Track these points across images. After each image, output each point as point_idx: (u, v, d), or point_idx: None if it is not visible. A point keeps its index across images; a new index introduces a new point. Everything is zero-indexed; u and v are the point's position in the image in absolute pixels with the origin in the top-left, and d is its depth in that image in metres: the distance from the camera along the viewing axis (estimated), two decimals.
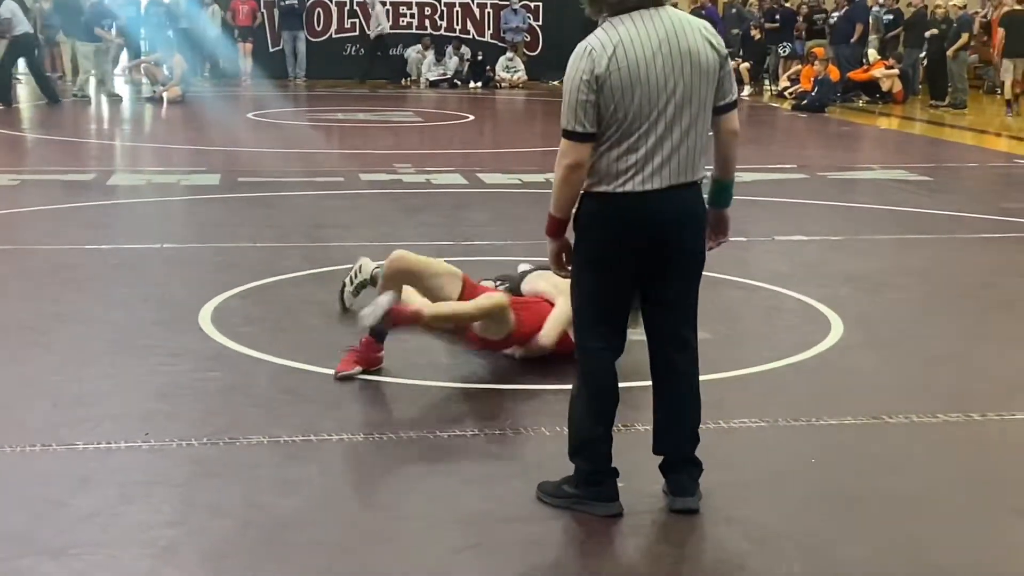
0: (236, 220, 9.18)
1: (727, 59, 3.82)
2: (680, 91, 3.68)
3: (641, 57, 3.66)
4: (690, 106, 3.71)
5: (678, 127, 3.70)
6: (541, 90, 22.97)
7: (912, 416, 4.91)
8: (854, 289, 7.16)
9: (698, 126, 3.75)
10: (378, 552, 3.73)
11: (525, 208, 9.48)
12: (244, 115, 17.73)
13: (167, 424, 4.69)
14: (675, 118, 3.69)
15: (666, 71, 3.67)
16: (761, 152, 14.29)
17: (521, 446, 4.57)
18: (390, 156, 12.92)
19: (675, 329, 3.93)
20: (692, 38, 3.71)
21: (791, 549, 3.75)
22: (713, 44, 3.75)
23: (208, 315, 6.23)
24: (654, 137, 3.70)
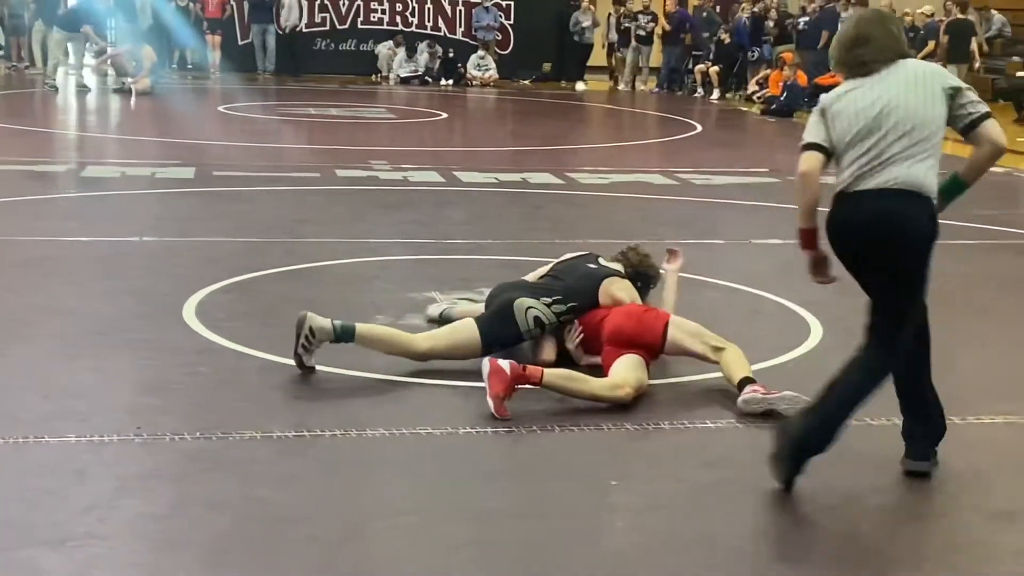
0: (213, 214, 9.16)
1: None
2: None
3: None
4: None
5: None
6: (512, 88, 23.03)
7: (894, 419, 4.97)
8: (831, 292, 7.21)
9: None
10: (377, 547, 3.76)
11: (503, 207, 9.56)
12: (215, 108, 17.67)
13: (158, 418, 4.70)
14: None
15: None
16: (732, 156, 14.42)
17: (515, 443, 4.60)
18: (365, 152, 12.92)
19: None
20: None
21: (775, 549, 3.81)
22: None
23: (192, 309, 6.23)
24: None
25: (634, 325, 5.28)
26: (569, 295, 5.50)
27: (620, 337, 5.26)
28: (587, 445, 4.66)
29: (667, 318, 5.36)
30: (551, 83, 24.13)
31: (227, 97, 19.06)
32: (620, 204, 10.47)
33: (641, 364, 5.15)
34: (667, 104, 20.87)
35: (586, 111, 20.53)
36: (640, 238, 8.65)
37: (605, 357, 5.27)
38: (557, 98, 21.54)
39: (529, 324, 5.38)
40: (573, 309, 5.49)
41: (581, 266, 5.73)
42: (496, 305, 5.45)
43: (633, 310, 5.42)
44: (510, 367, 4.76)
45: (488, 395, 4.71)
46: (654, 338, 5.26)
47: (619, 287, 5.61)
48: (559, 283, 5.60)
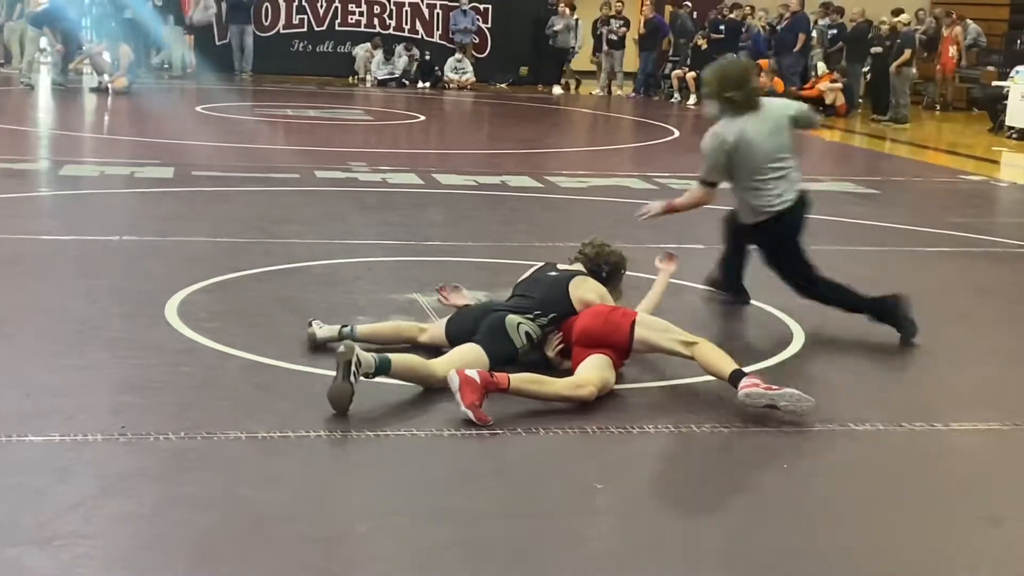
0: (193, 214, 9.13)
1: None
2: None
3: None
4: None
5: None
6: (489, 92, 23.03)
7: (878, 424, 5.02)
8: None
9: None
10: (362, 548, 3.76)
11: (483, 210, 9.55)
12: (193, 108, 17.60)
13: (142, 417, 4.67)
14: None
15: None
16: None
17: (500, 445, 4.60)
18: (344, 154, 12.90)
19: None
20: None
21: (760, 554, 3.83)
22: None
23: (174, 309, 6.21)
24: None
25: (600, 325, 5.29)
26: (546, 307, 5.49)
27: (587, 337, 5.28)
28: (572, 447, 4.67)
29: (633, 317, 5.34)
30: (528, 87, 24.15)
31: (204, 97, 18.98)
32: (599, 207, 10.49)
33: (607, 364, 5.16)
34: (644, 109, 20.92)
35: (563, 115, 20.56)
36: (620, 242, 8.64)
37: (574, 358, 5.29)
38: (534, 102, 21.56)
39: (523, 339, 5.37)
40: (555, 320, 5.49)
41: (543, 278, 5.71)
42: (488, 324, 5.37)
43: (600, 310, 5.41)
44: (479, 376, 4.76)
45: (464, 406, 4.68)
46: (621, 337, 5.26)
47: (586, 288, 5.58)
48: (531, 300, 5.57)
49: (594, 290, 5.59)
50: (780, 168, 6.47)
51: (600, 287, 5.63)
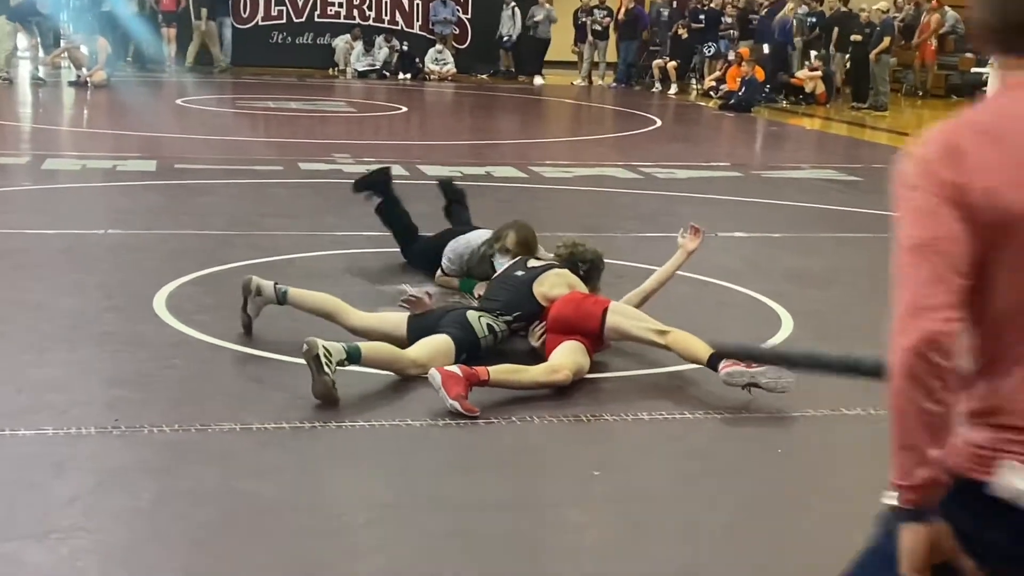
0: (178, 207, 9.10)
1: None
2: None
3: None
4: None
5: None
6: (470, 83, 23.01)
7: (870, 408, 5.04)
8: (798, 285, 7.32)
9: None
10: (360, 538, 3.76)
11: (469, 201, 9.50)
12: (173, 101, 17.52)
13: (136, 411, 4.66)
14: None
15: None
16: (693, 150, 14.50)
17: (495, 435, 4.61)
18: (327, 146, 12.86)
19: None
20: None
21: (758, 538, 3.85)
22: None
23: (163, 302, 6.19)
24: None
25: (572, 312, 5.31)
26: (509, 308, 5.53)
27: (560, 324, 5.31)
28: (567, 436, 4.68)
29: (606, 304, 5.36)
30: (509, 78, 24.13)
31: (184, 90, 18.90)
32: (585, 197, 10.50)
33: (580, 349, 5.18)
34: (625, 99, 20.94)
35: (545, 106, 20.55)
36: (606, 231, 8.71)
37: (548, 344, 5.32)
38: (515, 92, 21.54)
39: (484, 331, 5.38)
40: (519, 318, 5.52)
41: (509, 278, 5.75)
42: (453, 318, 5.43)
43: (573, 297, 5.44)
44: (460, 370, 4.77)
45: (450, 400, 4.66)
46: (593, 324, 5.28)
47: (549, 284, 5.58)
48: (496, 303, 5.60)
49: (558, 284, 5.58)
50: None
51: (568, 276, 5.63)
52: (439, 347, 5.19)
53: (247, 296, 5.62)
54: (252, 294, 5.61)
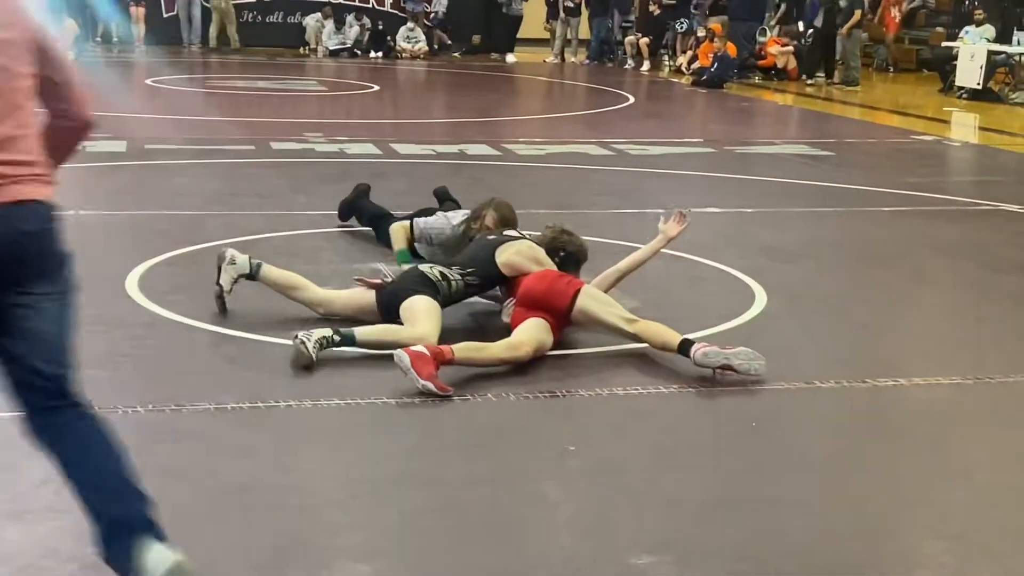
0: (149, 187, 9.04)
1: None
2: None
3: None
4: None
5: None
6: (442, 60, 22.93)
7: (843, 381, 5.07)
8: (772, 259, 7.34)
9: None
10: (336, 516, 3.75)
11: (443, 179, 9.47)
12: (142, 81, 17.40)
13: (110, 391, 4.63)
14: None
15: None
16: (666, 126, 14.50)
17: (471, 411, 4.61)
18: (300, 125, 12.81)
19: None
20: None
21: (734, 512, 3.87)
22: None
23: (135, 283, 6.15)
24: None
25: (543, 289, 5.30)
26: (464, 264, 5.56)
27: (528, 299, 5.30)
28: (542, 411, 4.69)
29: (579, 286, 5.35)
30: (481, 56, 24.05)
31: (154, 70, 18.75)
32: (559, 174, 10.49)
33: (543, 327, 5.18)
34: (598, 76, 20.91)
35: (518, 83, 20.51)
36: (580, 208, 8.72)
37: (514, 318, 5.32)
38: (488, 70, 21.48)
39: (437, 277, 5.41)
40: (474, 273, 5.50)
41: (479, 241, 5.78)
42: (409, 278, 5.47)
43: (546, 274, 5.42)
44: (427, 349, 4.76)
45: (421, 380, 4.64)
46: (562, 303, 5.27)
47: (512, 251, 5.56)
48: (455, 259, 5.69)
49: (523, 253, 5.56)
50: None
51: (536, 251, 5.60)
52: (431, 312, 5.23)
53: (220, 264, 5.63)
54: (226, 261, 5.62)
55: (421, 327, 5.16)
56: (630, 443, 4.43)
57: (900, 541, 3.68)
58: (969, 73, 17.94)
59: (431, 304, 5.30)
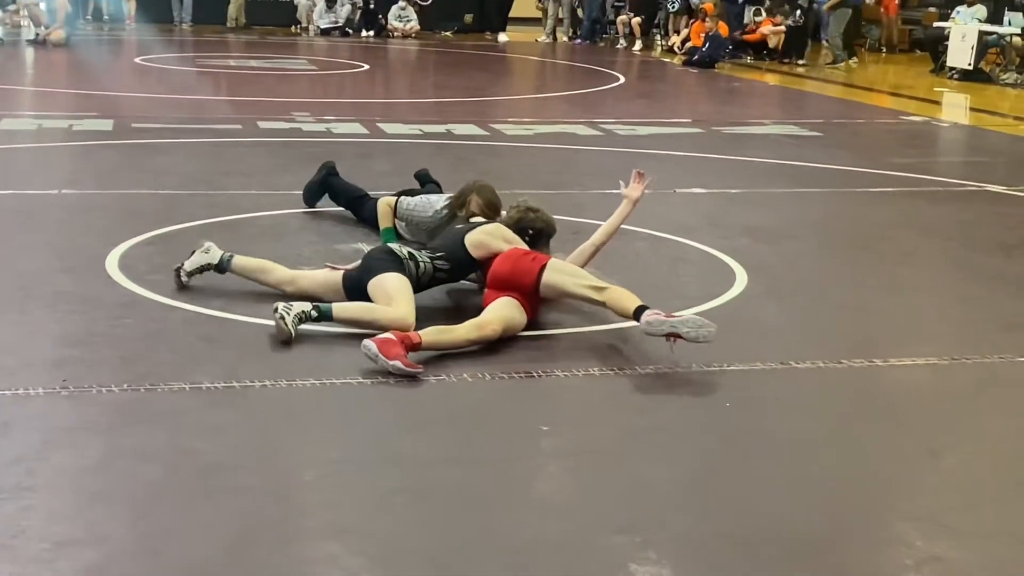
0: (133, 167, 9.02)
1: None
2: None
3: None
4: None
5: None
6: (434, 40, 22.88)
7: (819, 362, 5.09)
8: (754, 240, 7.34)
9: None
10: (308, 495, 3.76)
11: (428, 159, 9.47)
12: (131, 60, 17.36)
13: (84, 371, 4.64)
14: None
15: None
16: (655, 106, 14.48)
17: (446, 392, 4.62)
18: (287, 104, 12.78)
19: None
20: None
21: (704, 491, 3.88)
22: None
23: (115, 262, 6.15)
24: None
25: (509, 268, 5.30)
26: (435, 248, 5.56)
27: (497, 280, 5.31)
28: (518, 392, 4.69)
29: (544, 261, 5.33)
30: (473, 34, 24.00)
31: (144, 48, 18.72)
32: (545, 155, 10.48)
33: (512, 305, 5.18)
34: (589, 56, 20.87)
35: (509, 62, 20.47)
36: (566, 188, 8.72)
37: (485, 299, 5.33)
38: (479, 50, 21.44)
39: (404, 255, 5.41)
40: (443, 258, 5.48)
41: (451, 228, 5.77)
42: (376, 257, 5.46)
43: (512, 253, 5.40)
44: (394, 334, 4.75)
45: (390, 361, 4.63)
46: (528, 280, 5.25)
47: (483, 230, 5.55)
48: (426, 242, 5.74)
49: (489, 232, 5.54)
50: None
51: (503, 231, 5.58)
52: (402, 289, 5.23)
53: (195, 249, 5.70)
54: (201, 248, 5.68)
55: (397, 308, 5.14)
56: (603, 424, 4.44)
57: (868, 520, 3.69)
58: (960, 53, 17.93)
59: (402, 281, 5.27)
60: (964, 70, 17.80)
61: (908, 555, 3.45)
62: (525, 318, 5.21)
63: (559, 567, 3.34)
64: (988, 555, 3.47)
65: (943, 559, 3.42)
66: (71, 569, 3.18)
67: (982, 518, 3.73)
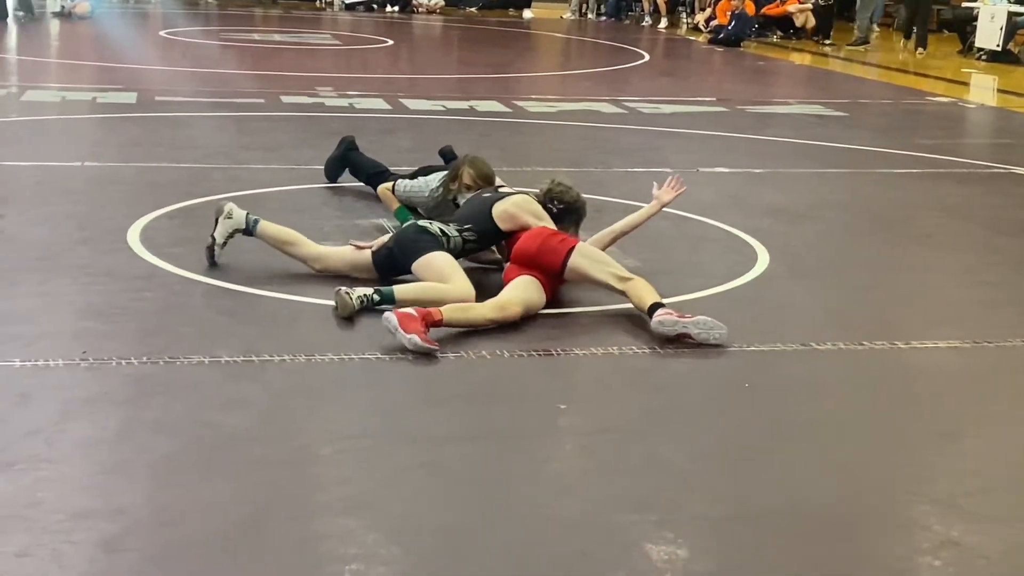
0: (156, 139, 9.03)
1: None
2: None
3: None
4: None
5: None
6: (458, 15, 22.82)
7: (840, 343, 5.06)
8: (777, 220, 7.30)
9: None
10: (325, 469, 3.76)
11: (451, 135, 9.46)
12: (156, 33, 17.37)
13: (104, 343, 4.65)
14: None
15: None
16: (679, 85, 14.41)
17: (465, 368, 4.61)
18: (311, 79, 12.77)
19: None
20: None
21: (721, 471, 3.87)
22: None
23: (136, 235, 6.16)
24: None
25: (537, 246, 5.28)
26: (462, 220, 5.55)
27: (522, 257, 5.29)
28: (537, 370, 4.68)
29: (573, 243, 5.32)
30: (497, 11, 23.92)
31: (168, 22, 18.75)
32: (568, 132, 10.45)
33: (533, 285, 5.17)
34: (614, 33, 20.77)
35: (533, 39, 20.39)
36: (589, 166, 8.68)
37: (506, 274, 5.32)
38: (504, 26, 21.36)
39: (438, 232, 5.42)
40: (471, 230, 5.48)
41: (476, 199, 5.75)
42: (412, 231, 5.46)
43: (540, 232, 5.38)
44: (416, 311, 4.75)
45: (408, 335, 4.63)
46: (554, 261, 5.24)
47: (511, 202, 5.52)
48: (453, 216, 5.68)
49: (519, 204, 5.52)
50: None
51: (532, 204, 5.56)
52: (454, 265, 5.27)
53: (217, 217, 5.63)
54: (223, 215, 5.62)
55: (458, 284, 5.16)
56: (621, 402, 4.43)
57: (884, 503, 3.67)
58: (989, 34, 17.76)
59: (449, 258, 5.30)
60: (992, 51, 17.63)
61: (925, 539, 3.43)
62: (544, 299, 5.20)
63: (574, 545, 3.33)
64: (1005, 540, 3.45)
65: (960, 543, 3.40)
66: (87, 540, 3.19)
67: (1000, 503, 3.71)
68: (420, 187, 6.67)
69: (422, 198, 6.60)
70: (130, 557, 3.14)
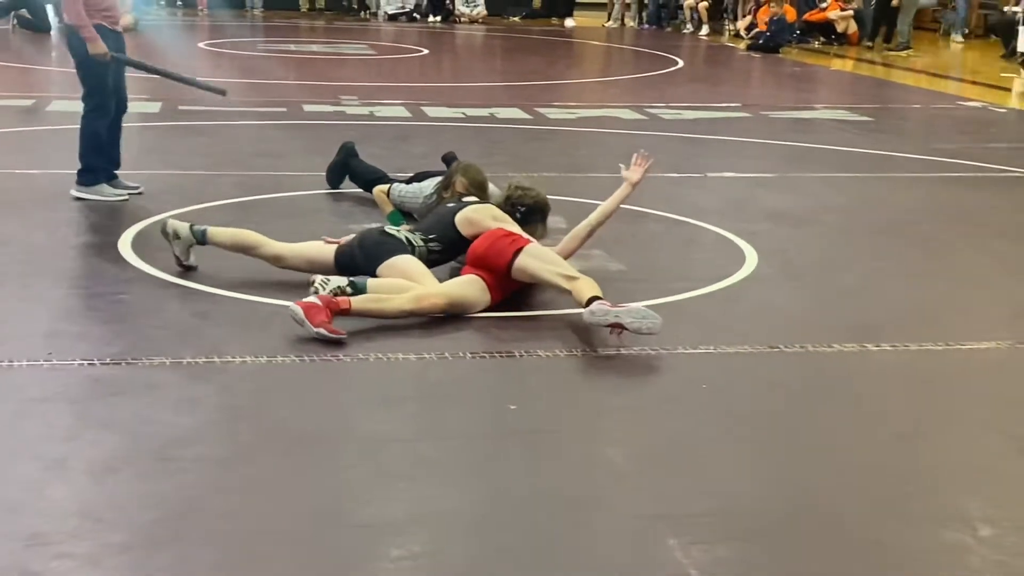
0: (170, 148, 9.18)
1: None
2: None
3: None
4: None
5: None
6: (501, 25, 22.90)
7: (808, 346, 5.03)
8: (774, 224, 7.27)
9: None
10: (265, 467, 3.79)
11: (463, 141, 9.51)
12: (196, 44, 17.60)
13: (72, 344, 4.74)
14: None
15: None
16: (707, 91, 14.34)
17: (424, 370, 4.64)
18: (337, 88, 12.89)
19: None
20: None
21: (656, 470, 3.86)
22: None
23: (128, 240, 6.26)
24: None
25: (485, 247, 5.31)
26: (427, 230, 5.59)
27: (472, 257, 5.35)
28: (496, 371, 4.70)
29: (523, 244, 5.32)
30: (540, 20, 23.96)
31: (212, 33, 19.00)
32: (582, 138, 10.45)
33: (473, 283, 5.20)
34: (654, 40, 20.73)
35: (571, 47, 20.41)
36: (598, 171, 8.69)
37: (461, 275, 5.36)
38: (545, 35, 21.40)
39: (402, 237, 5.48)
40: (436, 239, 5.53)
41: (441, 207, 5.81)
42: (371, 240, 5.51)
43: (492, 233, 5.40)
44: (319, 299, 4.81)
45: (315, 328, 4.71)
46: (501, 262, 5.25)
47: (472, 210, 5.60)
48: (418, 224, 5.76)
49: (479, 211, 5.60)
50: None
51: (493, 210, 5.62)
52: (422, 268, 5.31)
53: (169, 242, 5.67)
54: (171, 237, 5.66)
55: (430, 283, 5.21)
56: (575, 403, 4.44)
57: (823, 504, 3.65)
58: None
59: (415, 261, 5.35)
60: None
61: (856, 540, 3.41)
62: (487, 298, 5.21)
63: (497, 542, 3.34)
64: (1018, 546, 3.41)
65: (882, 543, 3.37)
66: (13, 534, 3.25)
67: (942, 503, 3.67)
68: (415, 192, 6.75)
69: (416, 204, 6.66)
70: (51, 551, 3.19)
